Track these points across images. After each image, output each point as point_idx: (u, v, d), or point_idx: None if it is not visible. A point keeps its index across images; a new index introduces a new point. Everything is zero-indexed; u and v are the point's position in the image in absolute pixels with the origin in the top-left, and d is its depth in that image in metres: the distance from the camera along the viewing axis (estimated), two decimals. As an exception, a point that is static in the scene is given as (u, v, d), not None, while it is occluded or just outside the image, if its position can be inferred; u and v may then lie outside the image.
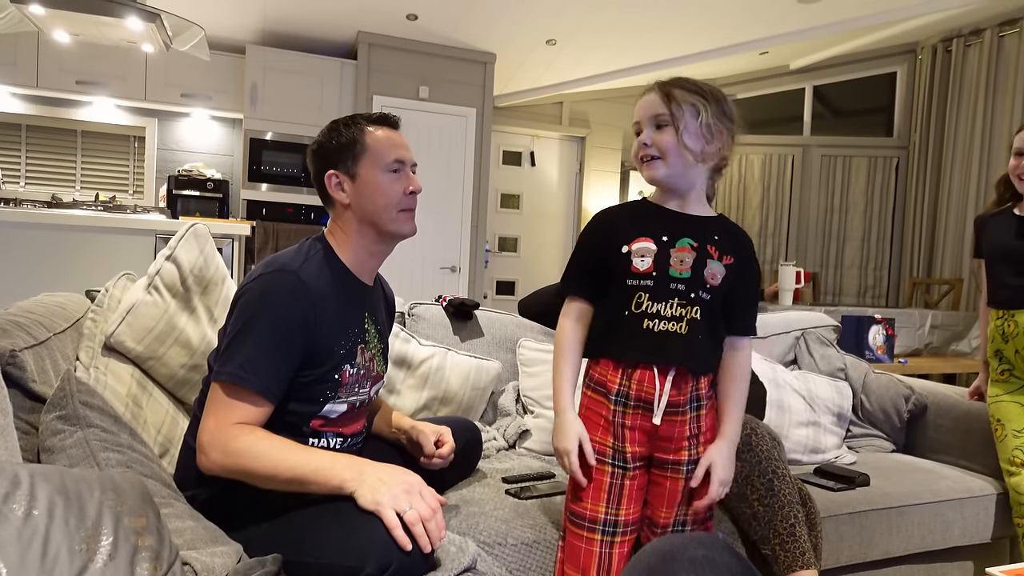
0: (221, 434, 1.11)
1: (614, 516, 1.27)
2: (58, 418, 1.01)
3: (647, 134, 1.26)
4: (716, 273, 1.26)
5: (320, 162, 1.32)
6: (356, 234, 1.31)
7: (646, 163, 1.27)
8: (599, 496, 1.27)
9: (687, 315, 1.25)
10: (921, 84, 5.14)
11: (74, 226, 2.71)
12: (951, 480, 1.98)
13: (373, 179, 1.29)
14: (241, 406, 1.13)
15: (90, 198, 4.76)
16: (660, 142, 1.25)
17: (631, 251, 1.26)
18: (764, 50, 5.05)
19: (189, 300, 1.52)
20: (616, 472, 1.28)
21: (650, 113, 1.26)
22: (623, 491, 1.27)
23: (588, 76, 5.48)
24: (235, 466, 1.10)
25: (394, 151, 1.31)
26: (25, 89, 4.45)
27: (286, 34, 4.69)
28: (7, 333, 1.12)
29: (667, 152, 1.25)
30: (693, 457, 1.28)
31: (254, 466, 1.09)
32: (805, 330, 2.57)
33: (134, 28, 3.19)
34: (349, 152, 1.29)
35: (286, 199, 4.69)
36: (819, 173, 5.80)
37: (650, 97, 1.27)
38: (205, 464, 1.11)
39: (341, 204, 1.30)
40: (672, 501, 1.29)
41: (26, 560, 0.63)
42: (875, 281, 5.65)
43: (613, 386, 1.27)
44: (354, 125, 1.31)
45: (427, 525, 1.04)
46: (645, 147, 1.26)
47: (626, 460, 1.27)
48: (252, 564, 0.96)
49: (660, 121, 1.25)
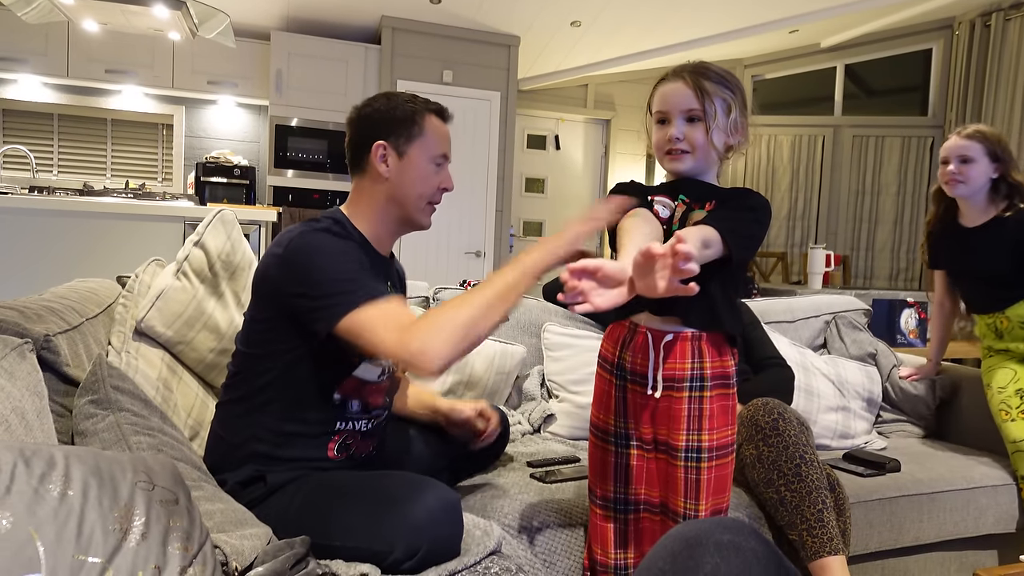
0: (410, 335, 1.05)
1: (623, 494, 1.26)
2: (90, 402, 1.03)
3: (679, 128, 1.20)
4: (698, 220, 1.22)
5: (370, 128, 1.29)
6: (381, 210, 1.31)
7: (674, 156, 1.22)
8: (608, 475, 1.27)
9: None
10: (958, 61, 4.98)
11: (105, 213, 2.76)
12: (984, 467, 1.94)
13: (419, 164, 1.29)
14: (390, 307, 1.10)
15: (120, 185, 4.84)
16: (692, 137, 1.20)
17: (653, 200, 1.24)
18: (794, 28, 4.94)
19: (217, 285, 1.54)
20: (620, 452, 1.26)
21: (683, 107, 1.20)
22: (629, 471, 1.25)
23: (613, 58, 5.41)
24: (448, 340, 1.04)
25: (444, 145, 1.32)
26: (56, 79, 4.52)
27: (310, 20, 4.70)
28: (41, 318, 1.14)
29: (697, 147, 1.21)
30: (692, 445, 1.19)
31: (457, 323, 1.05)
32: (836, 314, 2.52)
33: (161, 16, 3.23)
34: (405, 129, 1.28)
35: (312, 185, 4.72)
36: (850, 154, 5.67)
37: (679, 88, 1.21)
38: (429, 365, 1.03)
39: (379, 176, 1.29)
40: (675, 488, 1.20)
41: (62, 538, 0.65)
42: (908, 264, 5.54)
43: (612, 356, 1.26)
44: (416, 104, 1.30)
45: None
46: (677, 140, 1.21)
47: (628, 437, 1.25)
48: (281, 545, 0.98)
49: (693, 115, 1.20)
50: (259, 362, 1.24)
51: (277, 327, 1.21)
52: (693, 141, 1.20)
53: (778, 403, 1.56)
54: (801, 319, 2.49)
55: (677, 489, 1.20)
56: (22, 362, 0.94)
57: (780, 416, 1.52)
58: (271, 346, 1.22)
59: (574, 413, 1.97)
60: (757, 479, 1.51)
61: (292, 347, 1.21)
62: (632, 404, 1.25)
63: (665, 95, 1.23)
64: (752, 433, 1.53)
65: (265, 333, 1.23)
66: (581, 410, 1.96)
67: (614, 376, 1.26)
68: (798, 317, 2.48)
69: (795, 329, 2.45)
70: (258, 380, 1.24)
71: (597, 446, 1.29)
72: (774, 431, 1.50)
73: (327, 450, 1.25)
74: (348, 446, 1.28)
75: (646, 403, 1.23)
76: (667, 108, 1.22)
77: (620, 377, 1.25)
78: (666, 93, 1.23)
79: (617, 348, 1.26)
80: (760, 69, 6.08)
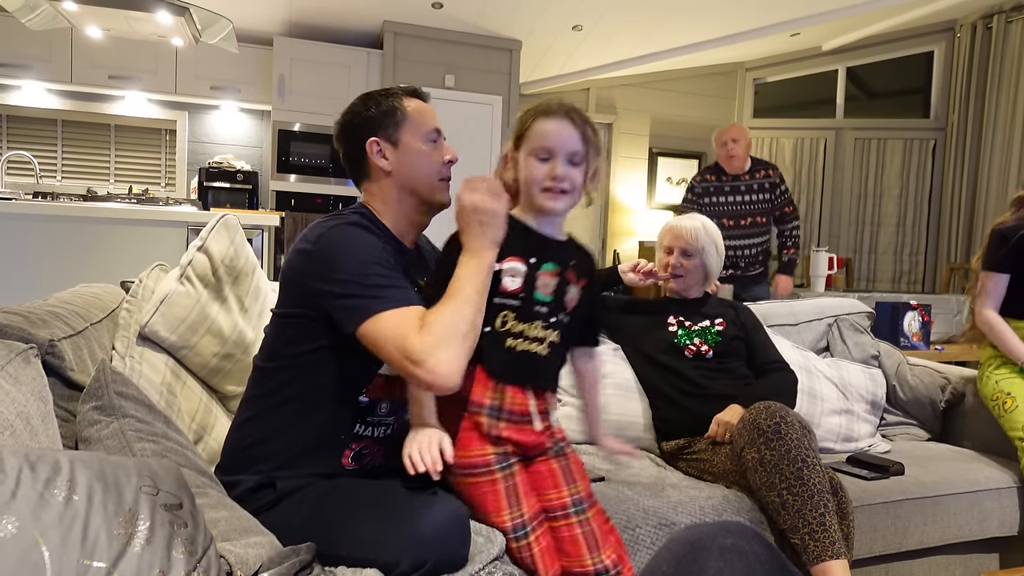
0: (421, 339, 1.09)
1: (520, 517, 1.21)
2: (94, 408, 1.03)
3: (563, 168, 1.23)
4: (574, 297, 1.31)
5: (358, 131, 1.30)
6: (397, 202, 1.30)
7: (554, 194, 1.24)
8: (500, 505, 1.20)
9: (548, 338, 1.27)
10: (960, 63, 4.99)
11: (109, 219, 2.77)
12: (989, 469, 1.93)
13: (415, 146, 1.29)
14: (408, 319, 1.12)
15: (124, 191, 4.86)
16: (573, 178, 1.24)
17: (502, 269, 1.24)
18: (795, 31, 4.95)
19: (220, 290, 1.54)
20: (506, 474, 1.23)
21: (570, 148, 1.24)
22: (518, 488, 1.23)
23: (615, 61, 5.42)
24: (458, 355, 1.10)
25: (431, 121, 1.32)
26: (60, 85, 4.54)
27: (312, 25, 4.72)
28: (46, 324, 1.15)
29: (576, 190, 1.26)
30: (557, 437, 1.32)
31: (461, 333, 1.11)
32: (838, 317, 2.52)
33: (164, 22, 3.24)
34: (390, 119, 1.29)
35: (315, 190, 4.73)
36: (852, 157, 5.67)
37: (568, 128, 1.24)
38: (449, 383, 1.09)
39: (382, 172, 1.29)
40: (556, 481, 1.27)
41: (67, 543, 0.65)
42: (911, 267, 5.53)
43: (485, 400, 1.23)
44: (390, 95, 1.31)
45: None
46: (561, 180, 1.23)
47: (508, 457, 1.24)
48: (286, 552, 0.98)
49: (575, 159, 1.25)
50: (285, 358, 1.23)
51: (306, 322, 1.20)
52: (574, 182, 1.24)
53: (780, 406, 1.55)
54: (804, 322, 2.48)
55: (557, 481, 1.28)
56: (27, 367, 0.95)
57: (782, 419, 1.52)
58: (299, 341, 1.21)
59: (575, 417, 1.97)
60: (759, 482, 1.51)
61: (320, 344, 1.20)
62: (507, 436, 1.26)
63: (551, 132, 1.24)
64: (754, 436, 1.52)
65: (294, 328, 1.22)
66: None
67: (486, 415, 1.27)
68: (801, 320, 2.48)
69: (798, 332, 2.45)
70: (282, 376, 1.22)
71: (486, 481, 1.23)
72: (776, 434, 1.50)
73: (342, 457, 1.24)
74: (363, 455, 1.27)
75: (520, 434, 1.27)
76: (553, 146, 1.24)
77: (494, 417, 1.26)
78: (552, 131, 1.24)
79: (491, 392, 1.27)
80: (761, 72, 6.08)
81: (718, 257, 2.02)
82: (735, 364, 1.92)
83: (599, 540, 1.24)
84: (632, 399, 1.97)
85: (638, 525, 1.47)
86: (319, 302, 1.17)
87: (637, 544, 1.46)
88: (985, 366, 2.13)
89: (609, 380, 1.99)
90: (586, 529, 1.24)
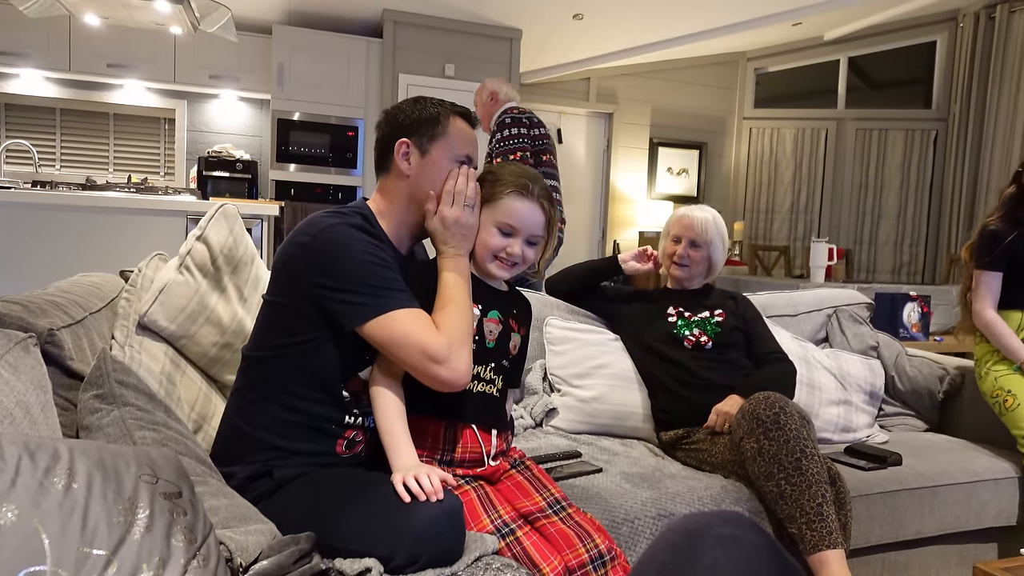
0: (440, 339, 1.15)
1: (500, 519, 1.23)
2: (95, 397, 1.03)
3: (520, 248, 1.32)
4: (516, 344, 1.39)
5: (394, 127, 1.31)
6: (403, 208, 1.31)
7: (505, 266, 1.34)
8: (477, 512, 1.22)
9: (497, 381, 1.35)
10: (962, 53, 4.96)
11: (108, 208, 2.77)
12: (987, 459, 1.94)
13: (440, 163, 1.29)
14: (420, 323, 1.16)
15: (123, 180, 4.85)
16: (527, 257, 1.34)
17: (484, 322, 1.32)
18: (797, 21, 4.92)
19: (219, 280, 1.54)
20: (475, 486, 1.27)
21: (533, 231, 1.33)
22: (491, 496, 1.27)
23: (616, 51, 5.40)
24: (468, 356, 1.18)
25: (467, 147, 1.33)
26: (58, 73, 4.53)
27: (312, 13, 4.69)
28: (45, 313, 1.15)
29: (524, 264, 1.35)
30: (515, 456, 1.39)
31: (466, 334, 1.20)
32: (837, 307, 2.52)
33: (162, 10, 3.22)
34: (429, 128, 1.30)
35: (314, 179, 4.72)
36: (853, 147, 5.66)
37: (536, 213, 1.33)
38: (461, 382, 1.16)
39: (401, 173, 1.30)
40: (525, 490, 1.31)
41: (67, 531, 0.66)
42: (911, 258, 5.53)
43: (436, 454, 1.28)
44: (441, 107, 1.33)
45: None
46: (515, 256, 1.33)
47: (475, 478, 1.29)
48: (286, 541, 0.98)
49: (533, 240, 1.34)
50: (275, 346, 1.23)
51: (297, 312, 1.20)
52: (526, 259, 1.35)
53: (779, 397, 1.56)
54: (803, 313, 2.49)
55: (528, 491, 1.32)
56: (26, 356, 0.95)
57: (781, 410, 1.52)
58: (289, 330, 1.22)
59: (576, 407, 1.97)
60: (757, 472, 1.52)
61: (310, 336, 1.21)
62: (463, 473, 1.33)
63: (521, 215, 1.32)
64: (753, 427, 1.53)
65: (283, 318, 1.22)
66: (583, 404, 1.96)
67: (438, 462, 1.32)
68: (800, 311, 2.48)
69: (797, 323, 2.46)
70: (270, 367, 1.23)
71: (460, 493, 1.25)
72: (775, 425, 1.50)
73: (336, 445, 1.25)
74: (356, 443, 1.28)
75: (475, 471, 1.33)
76: (519, 226, 1.32)
77: (447, 463, 1.32)
78: (524, 214, 1.32)
79: (441, 441, 1.32)
80: (763, 62, 6.06)
81: (724, 251, 2.04)
82: (735, 355, 1.92)
83: (589, 531, 1.24)
84: (631, 389, 1.98)
85: (637, 516, 1.48)
86: (313, 294, 1.17)
87: (636, 535, 1.47)
88: (982, 362, 2.13)
89: (608, 370, 1.99)
90: (570, 523, 1.25)
